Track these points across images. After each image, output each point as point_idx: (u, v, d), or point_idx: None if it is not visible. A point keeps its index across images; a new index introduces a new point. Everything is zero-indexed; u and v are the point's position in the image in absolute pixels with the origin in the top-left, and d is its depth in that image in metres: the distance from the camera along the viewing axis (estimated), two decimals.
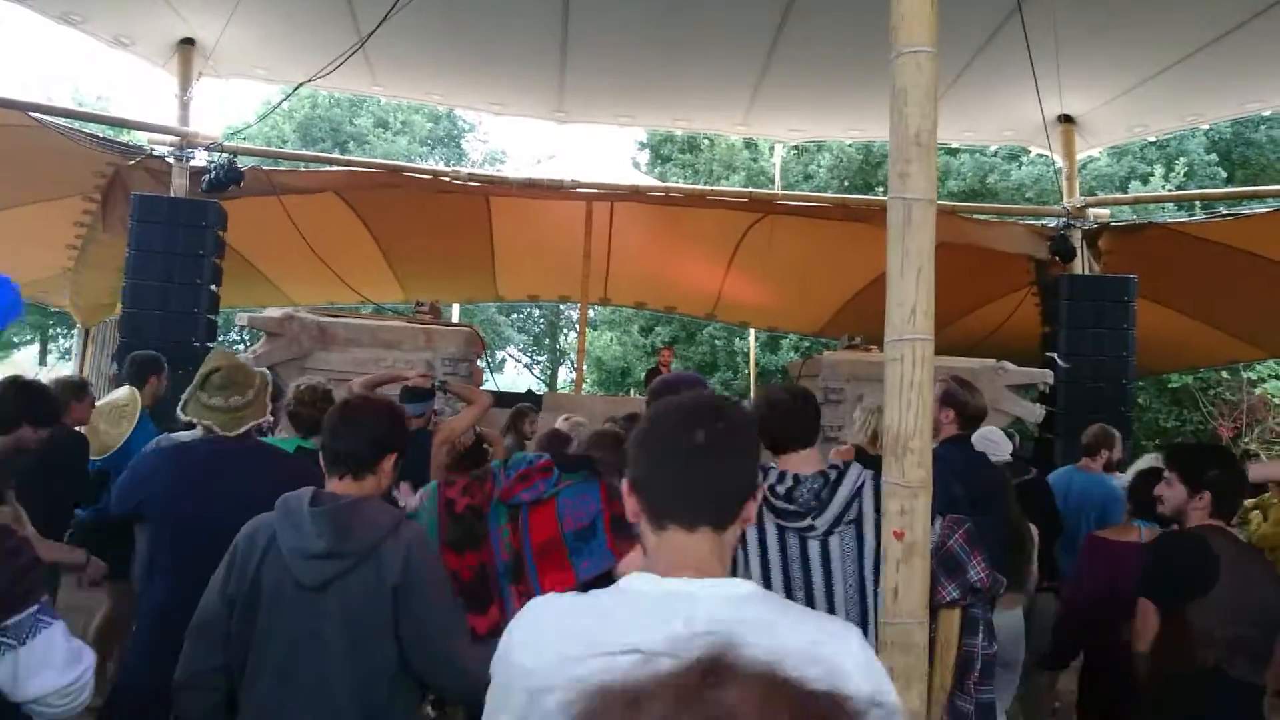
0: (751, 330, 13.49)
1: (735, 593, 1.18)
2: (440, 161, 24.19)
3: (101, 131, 8.07)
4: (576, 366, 12.59)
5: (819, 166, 18.51)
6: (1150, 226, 8.13)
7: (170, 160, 7.20)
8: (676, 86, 7.88)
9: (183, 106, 7.25)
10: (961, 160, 17.40)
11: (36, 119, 6.54)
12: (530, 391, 11.63)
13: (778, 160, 14.29)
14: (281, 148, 18.43)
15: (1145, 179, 16.20)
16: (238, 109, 26.21)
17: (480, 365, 7.52)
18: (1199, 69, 6.62)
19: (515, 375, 27.08)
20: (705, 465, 1.21)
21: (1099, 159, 15.99)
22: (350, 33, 6.39)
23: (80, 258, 8.09)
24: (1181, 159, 16.14)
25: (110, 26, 6.93)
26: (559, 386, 25.54)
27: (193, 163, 7.22)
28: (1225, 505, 2.71)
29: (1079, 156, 8.43)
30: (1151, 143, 15.52)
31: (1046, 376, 7.28)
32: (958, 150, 16.99)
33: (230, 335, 18.28)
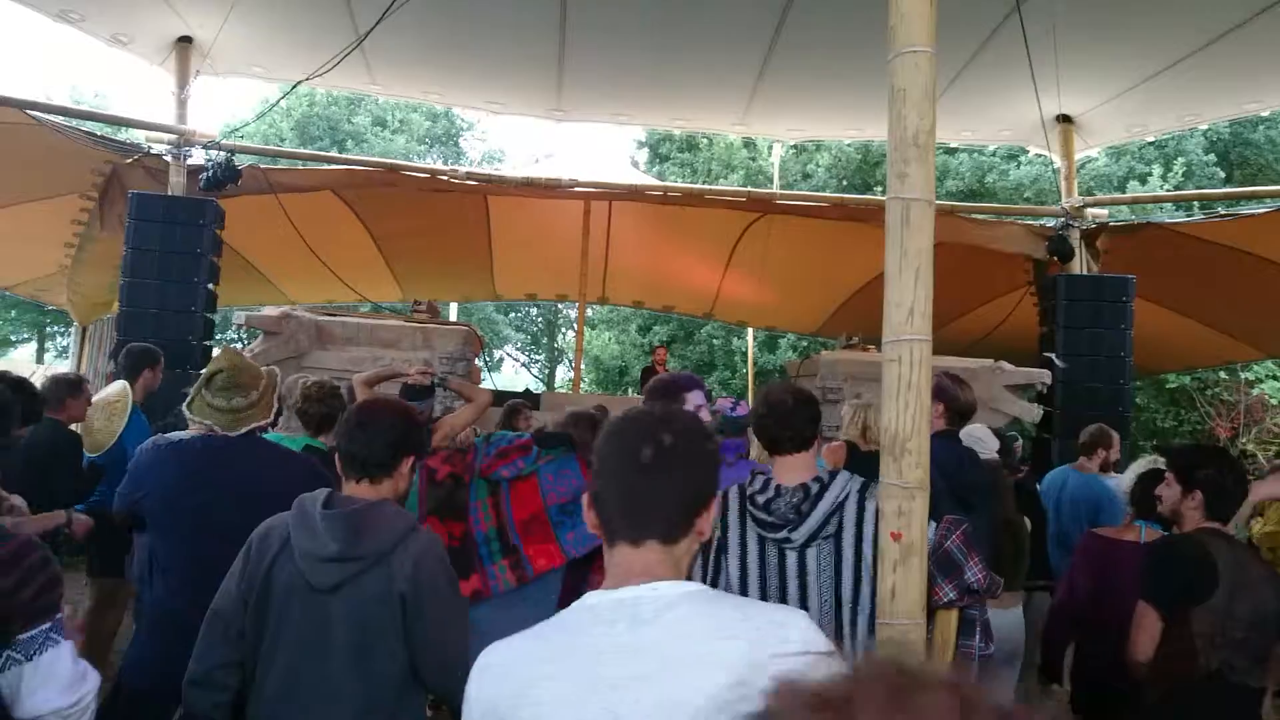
0: (750, 329, 13.47)
1: (680, 591, 1.19)
2: (438, 160, 24.19)
3: (99, 130, 8.03)
4: (574, 365, 12.57)
5: (817, 166, 18.52)
6: (1148, 226, 8.12)
7: (168, 158, 7.18)
8: (675, 85, 7.86)
9: (180, 105, 7.23)
10: (960, 160, 17.41)
11: (34, 117, 6.51)
12: (528, 390, 11.63)
13: (776, 159, 14.24)
14: (279, 146, 18.39)
15: (1143, 179, 16.20)
16: (235, 107, 26.25)
17: (478, 364, 7.51)
18: (1197, 69, 6.62)
19: (513, 374, 27.12)
20: (650, 481, 1.22)
21: (1097, 159, 16.00)
22: (348, 31, 6.38)
23: (78, 256, 8.06)
24: (1180, 159, 16.15)
25: (108, 24, 6.91)
26: (557, 385, 25.57)
27: (190, 161, 7.19)
28: (1220, 506, 2.69)
29: (1077, 156, 8.41)
30: (1150, 143, 15.52)
31: (1044, 376, 7.29)
32: (956, 150, 17.00)
33: (228, 334, 18.25)
